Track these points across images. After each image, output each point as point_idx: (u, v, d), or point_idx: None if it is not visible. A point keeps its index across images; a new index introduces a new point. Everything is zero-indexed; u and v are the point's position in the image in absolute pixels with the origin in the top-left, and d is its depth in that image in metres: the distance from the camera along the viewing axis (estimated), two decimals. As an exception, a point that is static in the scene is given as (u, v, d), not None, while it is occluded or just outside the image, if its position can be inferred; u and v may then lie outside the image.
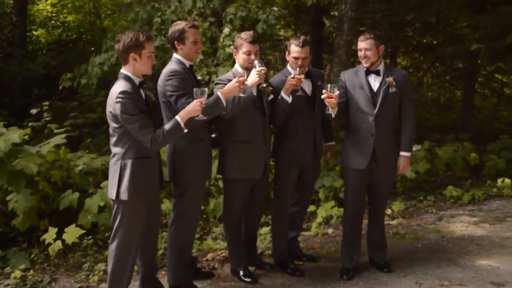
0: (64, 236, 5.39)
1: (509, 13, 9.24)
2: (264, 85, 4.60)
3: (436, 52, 12.58)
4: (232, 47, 7.85)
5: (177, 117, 3.88)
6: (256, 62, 4.45)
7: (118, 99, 3.76)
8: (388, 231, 6.03)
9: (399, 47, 13.39)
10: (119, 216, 3.96)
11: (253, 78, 4.39)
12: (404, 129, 4.90)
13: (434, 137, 10.96)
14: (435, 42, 12.98)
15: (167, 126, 3.87)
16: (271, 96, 4.79)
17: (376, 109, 4.79)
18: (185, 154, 4.42)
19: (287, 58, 4.99)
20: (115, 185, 3.89)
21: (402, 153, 4.90)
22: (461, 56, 11.26)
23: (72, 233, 5.41)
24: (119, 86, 3.83)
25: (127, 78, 3.90)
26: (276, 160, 5.08)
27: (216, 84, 4.67)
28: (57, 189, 6.01)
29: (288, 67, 5.01)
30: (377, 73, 4.87)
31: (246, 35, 4.68)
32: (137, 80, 3.94)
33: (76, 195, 5.81)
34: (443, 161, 8.81)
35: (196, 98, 3.90)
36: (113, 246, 4.03)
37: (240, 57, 4.72)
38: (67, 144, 6.61)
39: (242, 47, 4.68)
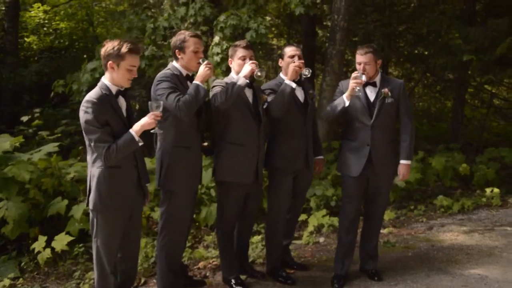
0: (54, 244, 5.38)
1: (499, 26, 9.34)
2: (263, 88, 4.70)
3: (427, 63, 12.66)
4: (220, 55, 7.96)
5: (131, 130, 3.80)
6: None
7: (82, 108, 3.74)
8: (379, 240, 6.05)
9: (391, 57, 13.46)
10: (94, 225, 3.96)
11: (247, 69, 4.48)
12: (403, 137, 4.96)
13: (425, 147, 11.03)
14: (426, 52, 13.06)
15: (121, 140, 3.77)
16: (266, 104, 4.83)
17: (373, 119, 4.85)
18: (170, 161, 4.42)
19: (280, 64, 5.07)
20: (87, 194, 3.94)
21: (403, 161, 4.94)
22: (452, 67, 11.36)
23: (61, 241, 5.40)
24: (89, 94, 3.80)
25: (103, 86, 3.85)
26: (270, 167, 5.08)
27: (213, 86, 4.70)
28: (48, 197, 5.99)
29: (281, 74, 5.06)
30: (373, 84, 4.93)
31: (240, 41, 4.79)
32: (114, 89, 3.87)
33: (65, 202, 5.80)
34: (434, 171, 8.88)
35: (152, 112, 3.85)
36: (94, 255, 4.05)
37: (235, 64, 4.78)
38: (59, 152, 6.59)
39: (236, 53, 4.75)
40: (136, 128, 3.81)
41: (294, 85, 4.75)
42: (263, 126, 4.83)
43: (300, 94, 5.02)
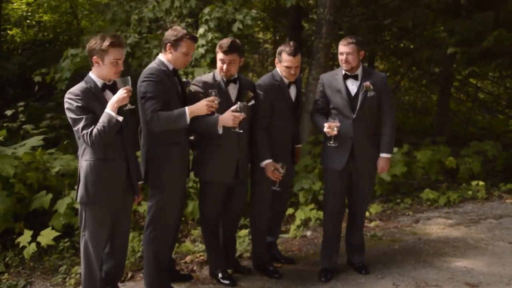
0: (39, 239, 5.33)
1: (484, 19, 9.39)
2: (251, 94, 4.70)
3: (413, 56, 12.70)
4: (205, 47, 7.95)
5: (106, 109, 3.79)
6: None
7: (66, 100, 3.82)
8: (365, 233, 6.08)
9: (377, 51, 13.50)
10: (82, 219, 3.96)
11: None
12: (384, 131, 4.96)
13: (411, 141, 11.08)
14: (412, 46, 13.09)
15: (100, 122, 3.75)
16: (252, 102, 4.76)
17: (355, 113, 4.85)
18: (159, 157, 4.39)
19: (277, 65, 4.98)
20: (76, 187, 3.96)
21: (382, 155, 4.96)
22: (437, 60, 11.41)
23: (47, 236, 5.35)
24: (73, 87, 3.86)
25: (88, 80, 3.91)
26: (253, 164, 5.04)
27: (193, 85, 4.69)
28: (33, 191, 5.93)
29: (278, 70, 4.99)
30: (355, 77, 4.92)
31: (223, 43, 4.65)
32: (100, 83, 3.91)
33: (49, 196, 5.75)
34: (420, 164, 8.92)
35: (121, 88, 3.83)
36: (81, 249, 4.04)
37: (217, 64, 4.72)
38: (44, 146, 6.53)
39: (218, 54, 4.69)
40: (110, 106, 3.79)
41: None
42: (245, 124, 4.69)
43: (293, 93, 5.02)
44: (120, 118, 3.80)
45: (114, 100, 3.80)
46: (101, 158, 3.87)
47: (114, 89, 3.94)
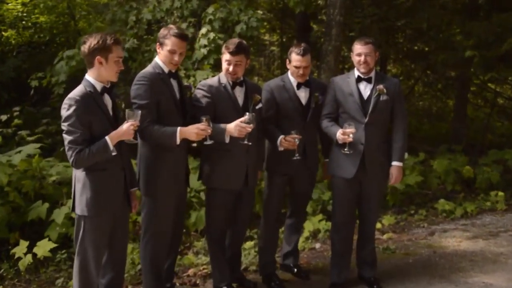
0: (35, 250, 5.37)
1: (504, 20, 9.39)
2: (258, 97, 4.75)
3: (428, 60, 12.70)
4: (207, 48, 8.00)
5: (107, 137, 3.83)
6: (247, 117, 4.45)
7: (64, 105, 3.78)
8: (378, 246, 6.09)
9: (389, 54, 13.52)
10: (80, 231, 3.96)
11: (235, 130, 4.41)
12: (395, 138, 4.99)
13: (426, 148, 11.08)
14: (426, 49, 13.12)
15: (94, 146, 3.78)
16: (260, 105, 4.83)
17: (367, 117, 4.87)
18: (151, 164, 4.43)
19: (288, 66, 5.10)
20: (72, 198, 3.97)
21: (394, 163, 4.97)
22: (453, 64, 11.41)
23: (43, 247, 5.38)
24: (72, 92, 3.85)
25: (87, 84, 3.89)
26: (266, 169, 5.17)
27: (198, 89, 4.73)
28: (28, 200, 5.98)
29: (289, 74, 5.10)
30: (368, 80, 4.96)
31: (230, 43, 4.71)
32: (99, 86, 3.92)
33: (46, 206, 5.80)
34: (436, 173, 8.92)
35: (128, 121, 3.88)
36: (76, 263, 4.05)
37: (223, 66, 4.76)
38: (39, 153, 6.58)
39: (223, 55, 4.73)
40: (112, 136, 3.84)
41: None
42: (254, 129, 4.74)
43: (304, 95, 5.08)
44: (114, 153, 3.86)
45: (118, 133, 3.86)
46: (99, 168, 3.89)
47: (111, 92, 4.00)
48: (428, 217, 7.96)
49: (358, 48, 4.90)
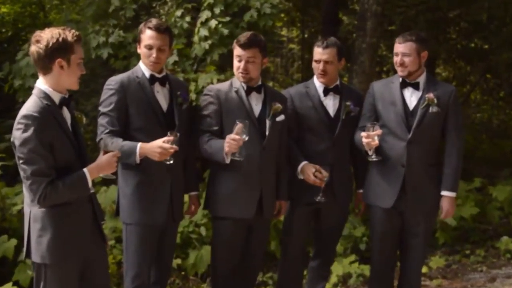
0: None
1: None
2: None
3: (488, 60, 12.71)
4: (209, 41, 7.81)
5: (86, 170, 3.78)
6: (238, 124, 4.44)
7: (19, 126, 3.64)
8: (424, 294, 6.12)
9: (439, 53, 13.47)
10: (41, 283, 3.86)
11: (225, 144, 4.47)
12: (447, 160, 4.97)
13: (484, 172, 11.06)
14: (486, 47, 13.12)
15: (68, 179, 3.70)
16: (282, 117, 4.85)
17: (411, 133, 4.88)
18: (125, 186, 4.57)
19: (313, 67, 5.17)
20: (26, 242, 3.85)
21: (445, 193, 4.95)
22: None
23: (7, 294, 5.45)
24: (26, 107, 3.71)
25: (41, 95, 3.75)
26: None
27: (203, 94, 4.84)
28: (-12, 235, 6.06)
29: (314, 79, 5.18)
30: (415, 86, 4.97)
31: (241, 36, 4.78)
32: (58, 97, 3.81)
33: (13, 242, 5.84)
34: (497, 204, 8.91)
35: (105, 150, 3.93)
36: None
37: (234, 64, 4.83)
38: (2, 176, 6.67)
39: (234, 51, 4.79)
40: (92, 169, 3.82)
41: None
42: (269, 143, 4.82)
43: (332, 105, 5.14)
44: (92, 191, 3.90)
45: (99, 166, 3.84)
46: (62, 203, 3.77)
47: (69, 105, 3.91)
48: (487, 259, 7.95)
49: (396, 46, 4.93)
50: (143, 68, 4.56)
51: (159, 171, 4.53)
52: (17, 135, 3.64)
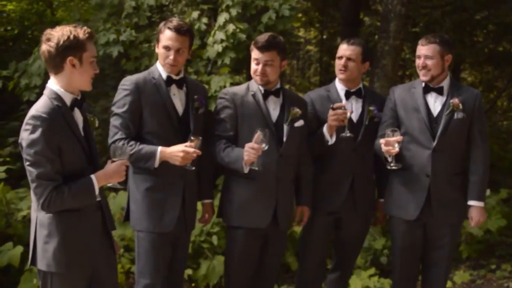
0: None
1: None
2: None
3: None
4: (224, 43, 7.78)
5: (93, 177, 3.78)
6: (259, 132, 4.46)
7: (27, 126, 3.64)
8: (447, 311, 6.09)
9: (464, 57, 13.45)
10: None
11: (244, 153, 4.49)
12: (474, 168, 4.95)
13: (511, 183, 11.01)
14: (514, 51, 13.12)
15: (75, 185, 3.71)
16: (301, 122, 4.86)
17: (436, 141, 4.86)
18: (136, 193, 4.59)
19: (335, 64, 5.20)
20: (31, 249, 3.85)
21: (473, 203, 4.93)
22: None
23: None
24: (35, 107, 3.72)
25: (52, 95, 3.76)
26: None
27: (219, 98, 4.85)
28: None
29: (336, 82, 5.20)
30: (439, 91, 4.95)
31: (259, 38, 4.79)
32: (69, 98, 3.82)
33: (19, 250, 5.86)
34: (525, 216, 8.88)
35: (113, 159, 3.90)
36: None
37: (251, 67, 4.83)
38: (6, 180, 6.69)
39: (252, 53, 4.80)
40: (99, 176, 3.81)
41: (331, 140, 4.83)
42: (286, 150, 4.82)
43: (355, 110, 5.12)
44: (98, 199, 3.89)
45: (107, 174, 3.84)
46: (69, 209, 3.78)
47: (82, 106, 3.93)
48: (515, 274, 7.94)
49: (419, 48, 4.93)
50: (160, 69, 4.58)
51: (172, 176, 4.55)
52: (25, 136, 3.64)
